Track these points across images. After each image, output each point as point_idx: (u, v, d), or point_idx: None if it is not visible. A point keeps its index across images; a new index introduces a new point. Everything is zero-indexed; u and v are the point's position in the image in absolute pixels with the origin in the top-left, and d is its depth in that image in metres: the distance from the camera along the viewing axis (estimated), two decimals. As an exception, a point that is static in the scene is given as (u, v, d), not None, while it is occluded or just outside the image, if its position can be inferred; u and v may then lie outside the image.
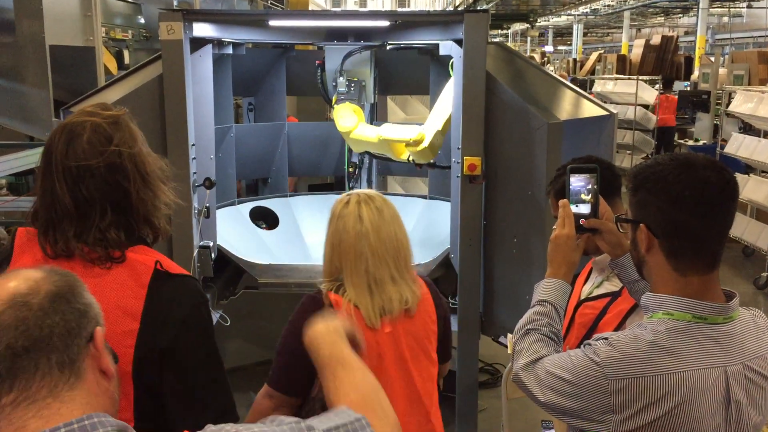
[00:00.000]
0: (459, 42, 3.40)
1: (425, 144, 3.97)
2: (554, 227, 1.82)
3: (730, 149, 8.03)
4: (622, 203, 2.07)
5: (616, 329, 2.03)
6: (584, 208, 1.80)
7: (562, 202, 1.79)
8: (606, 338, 1.47)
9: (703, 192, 1.41)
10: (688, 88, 13.83)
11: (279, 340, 2.09)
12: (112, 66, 5.66)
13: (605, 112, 3.57)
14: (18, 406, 0.97)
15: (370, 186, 5.04)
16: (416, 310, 2.11)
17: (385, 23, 3.68)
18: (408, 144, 4.02)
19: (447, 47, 3.66)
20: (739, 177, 7.93)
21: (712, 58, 11.91)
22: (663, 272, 1.48)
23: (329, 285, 2.08)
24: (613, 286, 2.16)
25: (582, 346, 1.53)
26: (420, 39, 3.87)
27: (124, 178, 1.58)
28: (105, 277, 1.53)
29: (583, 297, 2.24)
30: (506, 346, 2.20)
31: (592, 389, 1.44)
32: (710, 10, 21.88)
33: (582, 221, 1.77)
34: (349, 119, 4.28)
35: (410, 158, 4.14)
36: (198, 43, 3.60)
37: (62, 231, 1.55)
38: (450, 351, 2.38)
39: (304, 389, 2.05)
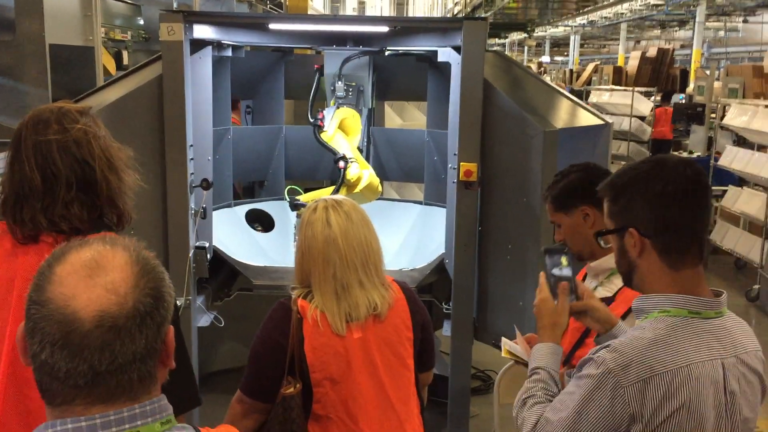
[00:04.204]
0: (457, 49, 3.43)
1: (362, 185, 3.99)
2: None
3: (724, 162, 8.08)
4: None
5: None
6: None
7: (541, 273, 1.90)
8: (607, 346, 1.48)
9: (684, 185, 1.49)
10: (683, 101, 13.91)
11: (251, 346, 2.12)
12: (111, 66, 5.67)
13: (601, 122, 3.61)
14: (95, 405, 0.98)
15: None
16: (387, 315, 2.09)
17: (384, 29, 3.71)
18: (345, 185, 3.95)
19: (445, 54, 3.69)
20: (733, 189, 7.99)
21: (708, 72, 11.99)
22: (656, 271, 1.52)
23: (300, 291, 2.08)
24: (606, 291, 2.18)
25: (571, 377, 1.55)
26: (419, 45, 3.90)
27: (89, 155, 1.67)
28: None
29: (576, 302, 2.26)
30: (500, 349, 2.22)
31: (609, 406, 1.43)
32: (706, 24, 22.03)
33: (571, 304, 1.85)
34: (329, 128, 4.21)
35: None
36: (198, 45, 3.62)
37: (30, 207, 1.63)
38: (433, 360, 2.35)
39: (272, 395, 2.06)
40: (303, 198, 4.15)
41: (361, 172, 4.09)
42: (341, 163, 3.94)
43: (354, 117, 4.31)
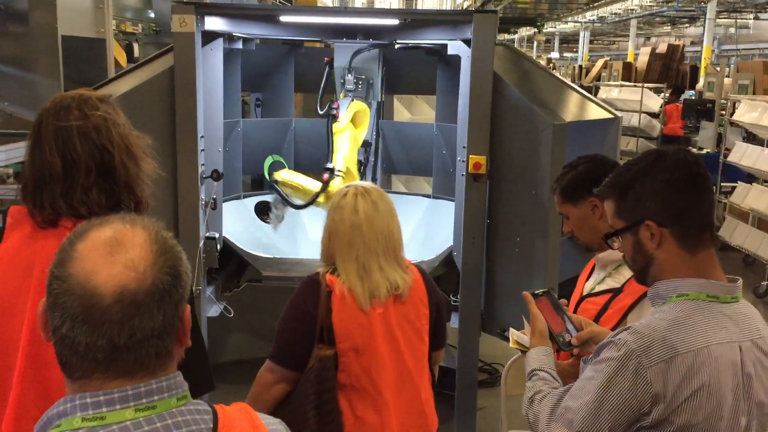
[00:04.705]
0: (467, 42, 3.44)
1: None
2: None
3: (733, 158, 8.05)
4: None
5: (617, 325, 2.06)
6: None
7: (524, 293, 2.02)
8: (627, 329, 1.50)
9: (689, 170, 1.53)
10: (693, 97, 13.85)
11: (280, 318, 2.29)
12: (122, 59, 5.70)
13: (610, 115, 3.61)
14: (113, 380, 1.01)
15: (374, 183, 5.07)
16: (408, 294, 2.27)
17: (395, 21, 3.71)
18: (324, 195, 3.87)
19: (455, 47, 3.70)
20: (742, 186, 7.96)
21: (718, 68, 11.93)
22: (675, 258, 1.54)
23: (326, 268, 2.26)
24: (615, 282, 2.19)
25: (587, 363, 1.56)
26: (429, 38, 3.90)
27: (109, 142, 1.70)
28: None
29: (585, 293, 2.28)
30: (508, 340, 2.24)
31: (631, 388, 1.44)
32: (717, 20, 21.90)
33: (572, 339, 1.90)
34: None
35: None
36: (209, 37, 3.64)
37: (50, 192, 1.66)
38: (444, 339, 2.52)
39: (303, 363, 2.22)
40: (280, 176, 4.06)
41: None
42: (326, 175, 3.91)
43: (365, 111, 4.32)
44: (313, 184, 4.02)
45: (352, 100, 4.24)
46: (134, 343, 0.99)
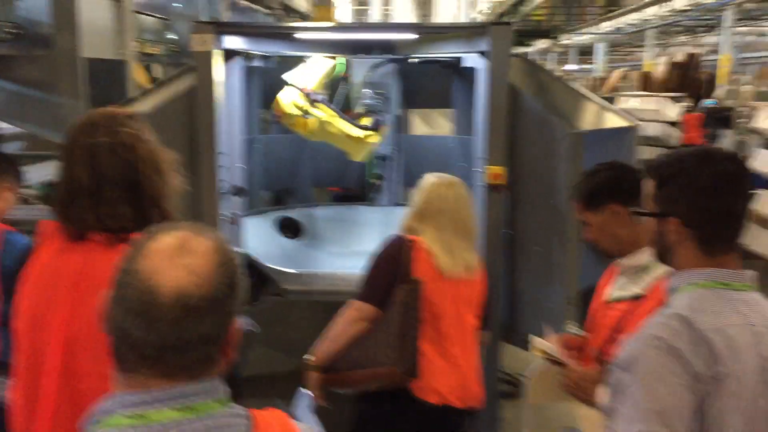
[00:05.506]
0: (483, 54, 3.47)
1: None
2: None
3: (754, 165, 7.97)
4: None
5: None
6: None
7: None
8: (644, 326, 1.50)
9: (729, 181, 1.52)
10: (712, 106, 13.74)
11: (368, 263, 2.61)
12: (143, 79, 5.80)
13: (628, 124, 3.61)
14: (158, 379, 1.05)
15: (393, 196, 5.10)
16: (475, 275, 2.67)
17: (411, 36, 3.75)
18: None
19: (471, 60, 3.73)
20: (764, 193, 7.87)
21: (737, 76, 11.86)
22: (692, 258, 1.55)
23: (409, 234, 2.62)
24: (637, 288, 2.18)
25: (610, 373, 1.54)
26: (445, 51, 3.94)
27: (135, 157, 1.74)
28: (114, 254, 1.61)
29: (607, 299, 2.27)
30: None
31: (674, 374, 1.40)
32: (735, 28, 21.75)
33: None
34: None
35: None
36: (228, 55, 3.70)
37: (79, 206, 1.70)
38: (491, 322, 2.91)
39: (385, 301, 2.51)
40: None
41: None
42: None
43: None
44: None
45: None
46: (182, 345, 1.04)
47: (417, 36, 3.76)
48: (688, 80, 16.09)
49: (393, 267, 2.53)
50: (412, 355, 2.47)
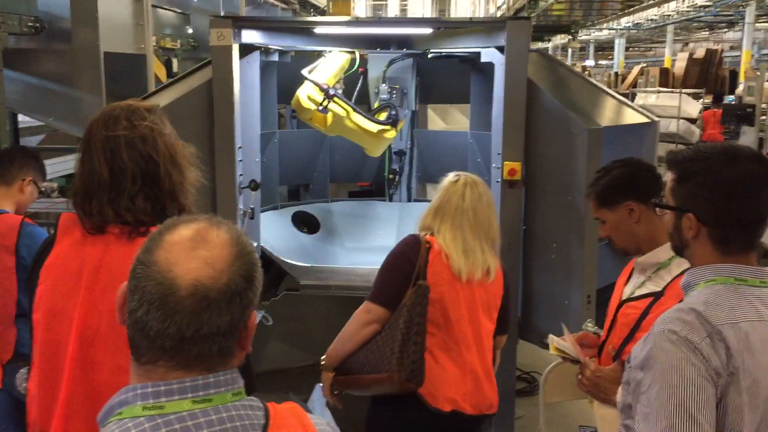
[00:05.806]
0: (501, 49, 3.45)
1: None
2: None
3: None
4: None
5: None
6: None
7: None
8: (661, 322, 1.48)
9: (752, 184, 1.49)
10: (734, 102, 13.61)
11: (381, 265, 2.57)
12: (162, 74, 5.82)
13: (647, 120, 3.58)
14: (176, 370, 1.06)
15: (409, 192, 5.10)
16: (493, 278, 2.57)
17: (428, 30, 3.74)
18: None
19: (488, 54, 3.71)
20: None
21: (758, 72, 11.71)
22: (707, 255, 1.54)
23: (426, 233, 2.55)
24: (655, 286, 2.16)
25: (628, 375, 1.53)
26: (462, 46, 3.92)
27: (154, 151, 1.75)
28: (132, 247, 1.64)
29: (625, 297, 2.25)
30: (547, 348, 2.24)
31: (695, 369, 1.38)
32: (756, 24, 21.49)
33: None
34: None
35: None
36: (246, 50, 3.71)
37: (98, 199, 1.71)
38: (508, 326, 2.80)
39: (396, 302, 2.44)
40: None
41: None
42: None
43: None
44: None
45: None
46: (200, 337, 1.04)
47: (434, 31, 3.74)
48: (708, 76, 15.93)
49: (407, 268, 2.46)
50: (414, 362, 2.39)
